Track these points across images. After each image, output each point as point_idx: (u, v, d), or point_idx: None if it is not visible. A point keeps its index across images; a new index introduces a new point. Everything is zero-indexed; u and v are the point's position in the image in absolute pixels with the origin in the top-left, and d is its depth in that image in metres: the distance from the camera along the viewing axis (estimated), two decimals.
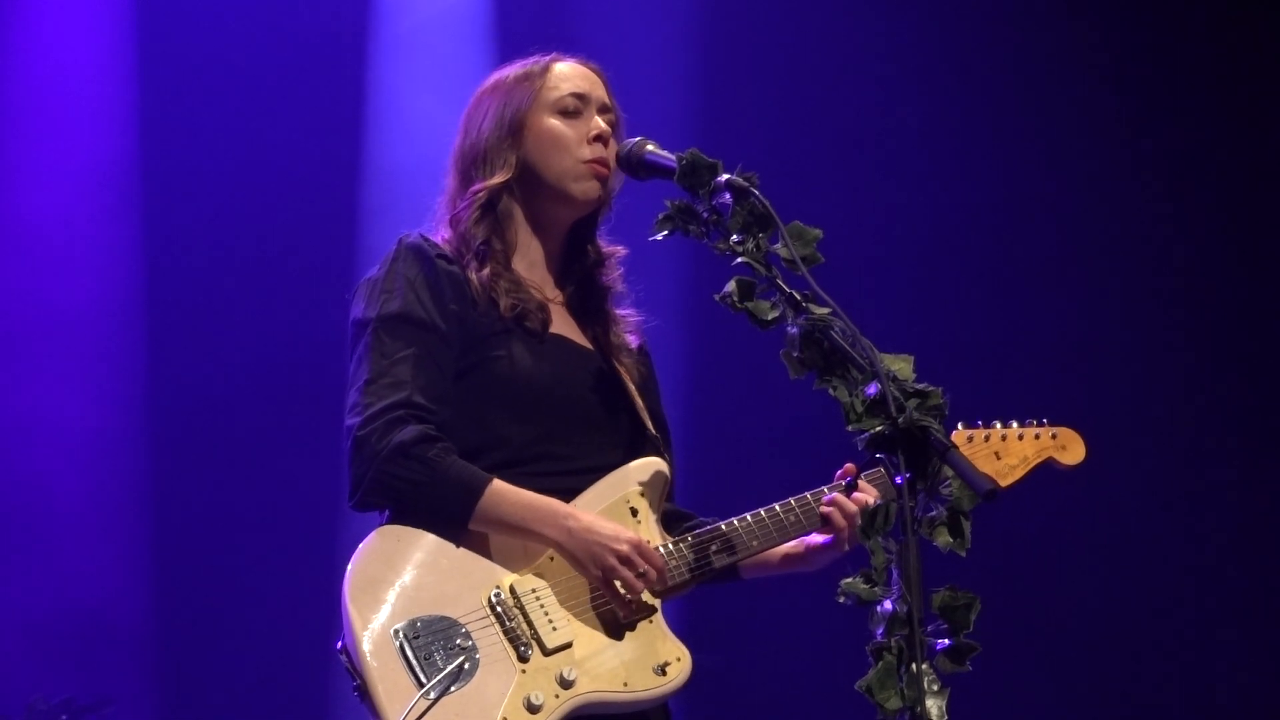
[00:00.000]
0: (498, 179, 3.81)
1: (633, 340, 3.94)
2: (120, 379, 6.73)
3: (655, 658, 3.59)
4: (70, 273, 6.71)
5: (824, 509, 3.74)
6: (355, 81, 6.86)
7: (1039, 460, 4.09)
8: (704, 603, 3.81)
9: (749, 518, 3.75)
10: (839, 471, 3.81)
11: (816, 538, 3.81)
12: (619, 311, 3.94)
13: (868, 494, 3.76)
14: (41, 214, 6.69)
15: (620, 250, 3.95)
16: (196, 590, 6.68)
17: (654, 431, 3.84)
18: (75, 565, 6.57)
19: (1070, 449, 4.11)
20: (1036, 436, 4.08)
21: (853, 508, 3.72)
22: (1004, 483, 4.03)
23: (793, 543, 3.83)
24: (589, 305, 3.91)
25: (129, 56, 6.77)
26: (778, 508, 3.77)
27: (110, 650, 6.59)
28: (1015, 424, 4.08)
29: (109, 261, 6.74)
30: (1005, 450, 4.04)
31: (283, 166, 6.79)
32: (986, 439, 4.04)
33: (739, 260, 3.34)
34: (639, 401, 3.85)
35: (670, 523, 3.84)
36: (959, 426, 4.02)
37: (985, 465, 4.00)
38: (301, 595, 6.33)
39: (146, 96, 6.77)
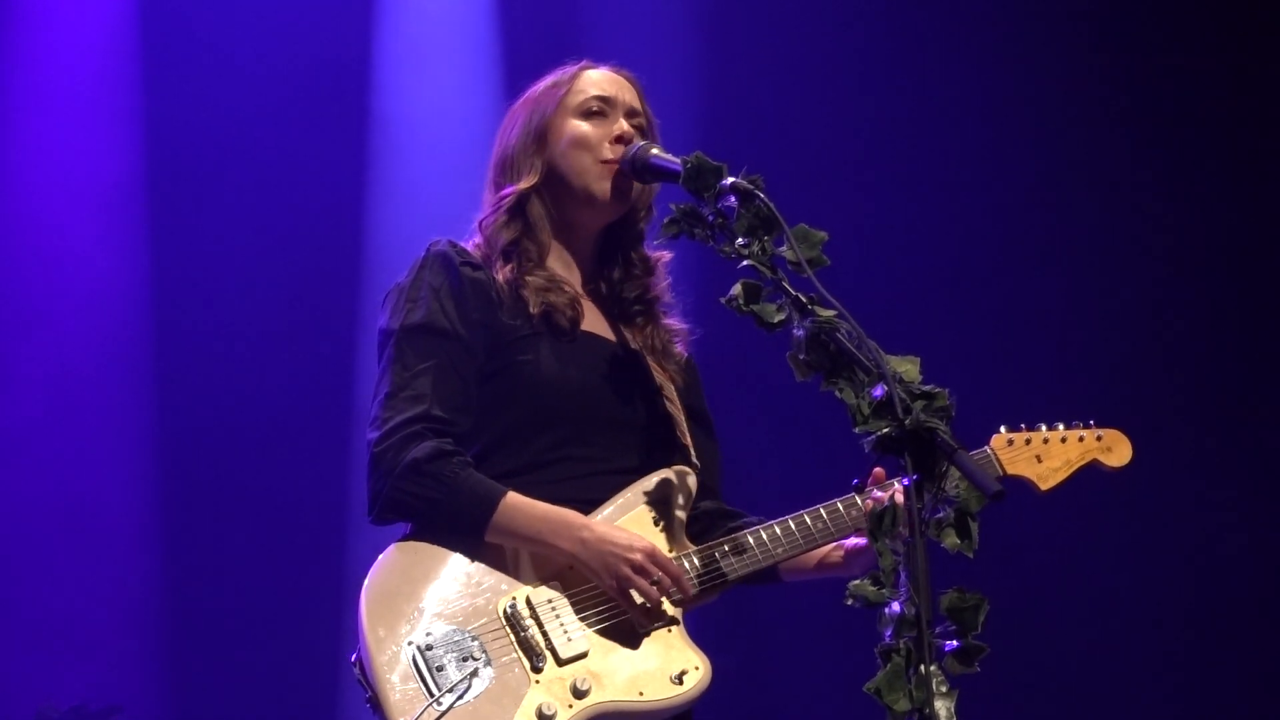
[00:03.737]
0: (525, 183, 3.83)
1: (678, 349, 3.93)
2: (129, 388, 6.76)
3: (672, 666, 3.57)
4: (76, 281, 6.75)
5: None
6: (360, 90, 6.88)
7: (1082, 463, 4.01)
8: (715, 606, 3.78)
9: (776, 528, 3.72)
10: (870, 477, 3.77)
11: (855, 541, 3.78)
12: (666, 321, 3.93)
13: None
14: (47, 221, 6.74)
15: (665, 255, 3.94)
16: (207, 599, 6.71)
17: (685, 439, 3.82)
18: (86, 573, 6.61)
19: (1116, 450, 4.04)
20: (1080, 439, 4.00)
21: None
22: (1044, 486, 3.97)
23: (830, 547, 3.79)
24: (626, 308, 3.90)
25: (133, 66, 6.82)
26: (806, 516, 3.74)
27: (120, 658, 6.63)
28: (1061, 426, 4.01)
29: (115, 270, 6.78)
30: (1047, 453, 3.97)
31: (288, 175, 6.82)
32: (1028, 442, 3.96)
33: (745, 263, 3.33)
34: (673, 404, 3.84)
35: (716, 521, 3.84)
36: (1000, 429, 3.96)
37: (1026, 468, 3.95)
38: (313, 606, 6.39)
39: (150, 106, 6.81)
